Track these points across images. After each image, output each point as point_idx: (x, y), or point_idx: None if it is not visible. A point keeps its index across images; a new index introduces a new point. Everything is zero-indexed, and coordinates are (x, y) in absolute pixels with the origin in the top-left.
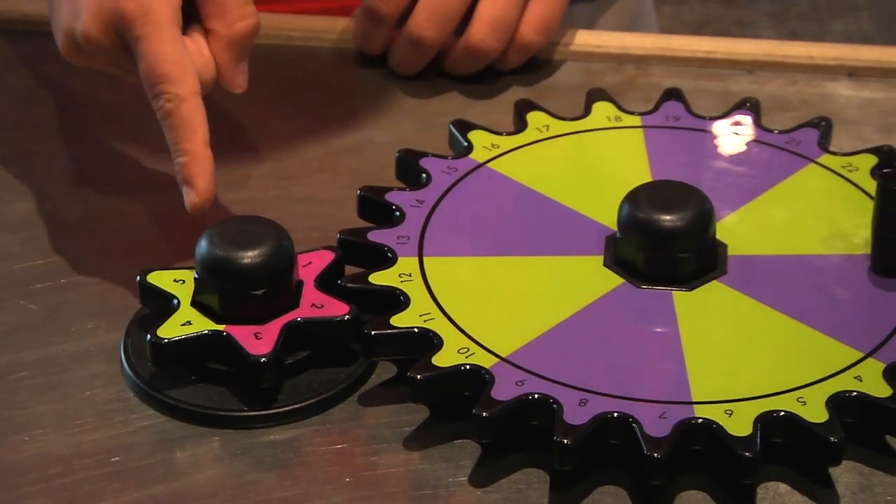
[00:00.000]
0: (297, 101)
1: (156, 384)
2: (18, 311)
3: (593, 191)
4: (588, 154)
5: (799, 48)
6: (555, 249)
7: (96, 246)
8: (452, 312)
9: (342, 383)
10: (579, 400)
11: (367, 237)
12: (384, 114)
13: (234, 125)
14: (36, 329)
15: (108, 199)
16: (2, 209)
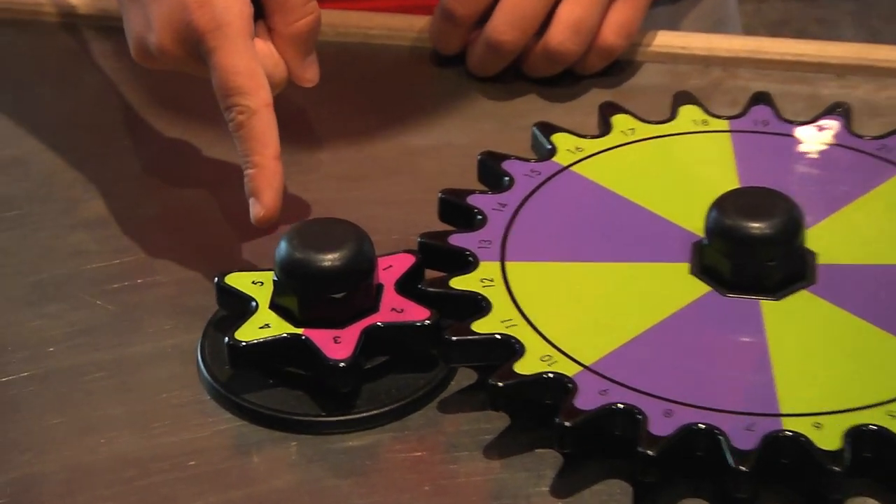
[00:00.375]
0: (375, 100)
1: (233, 387)
2: (93, 311)
3: (679, 196)
4: (674, 158)
5: (890, 52)
6: (640, 256)
7: (173, 246)
8: (535, 319)
9: (421, 389)
10: (664, 411)
11: (449, 241)
12: (464, 115)
13: (311, 125)
14: (111, 329)
15: (185, 198)
16: (78, 207)
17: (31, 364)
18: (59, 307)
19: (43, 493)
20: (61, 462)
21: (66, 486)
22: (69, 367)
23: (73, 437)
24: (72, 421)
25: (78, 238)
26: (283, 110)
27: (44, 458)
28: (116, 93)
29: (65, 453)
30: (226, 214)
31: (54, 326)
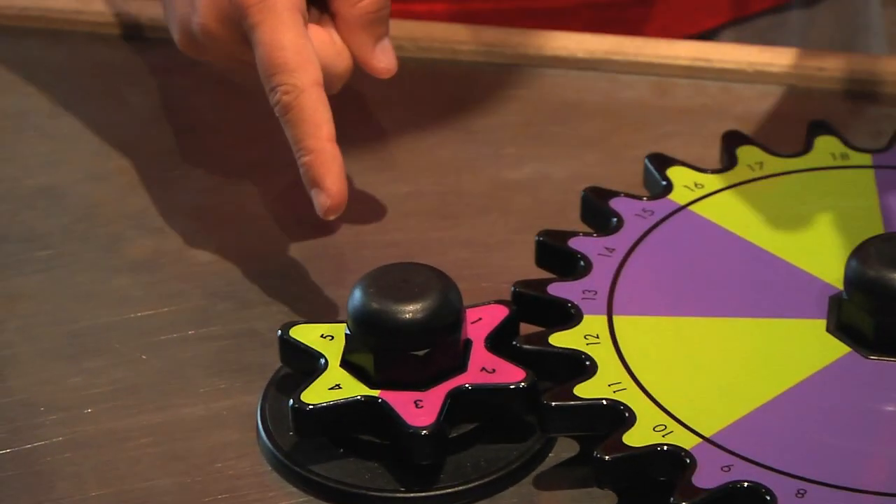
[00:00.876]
0: (463, 127)
1: (298, 457)
2: (139, 367)
3: (815, 242)
4: (809, 198)
5: None
6: (769, 311)
7: (230, 293)
8: (647, 382)
9: (515, 462)
10: (797, 490)
11: (547, 290)
12: (564, 144)
13: (388, 154)
14: (159, 388)
15: (243, 238)
16: (121, 247)
17: (68, 427)
18: (99, 362)
19: None
20: None
21: None
22: (110, 432)
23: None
24: (114, 494)
25: (121, 282)
26: (355, 136)
27: None
28: (166, 113)
29: None
30: (291, 257)
31: (93, 384)
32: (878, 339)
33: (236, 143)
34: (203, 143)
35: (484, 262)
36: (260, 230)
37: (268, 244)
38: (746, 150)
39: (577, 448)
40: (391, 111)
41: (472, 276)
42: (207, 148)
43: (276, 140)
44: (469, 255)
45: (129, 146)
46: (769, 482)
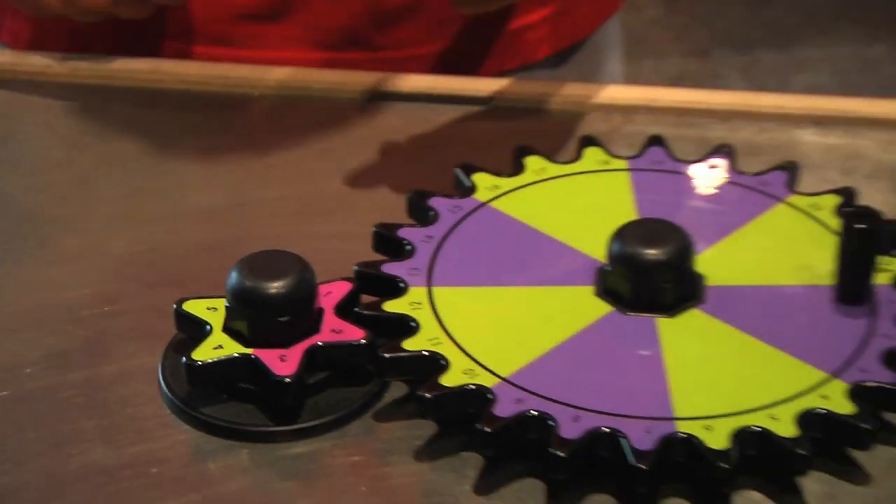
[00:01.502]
0: (318, 148)
1: (190, 402)
2: (67, 336)
3: (585, 227)
4: (580, 194)
5: (769, 99)
6: (550, 280)
7: (137, 277)
8: (458, 337)
9: (358, 401)
10: (573, 416)
11: (381, 269)
12: (396, 160)
13: (263, 169)
14: (83, 352)
15: (147, 235)
16: (53, 246)
17: (10, 385)
18: (36, 333)
19: (20, 502)
20: (37, 472)
21: (41, 494)
22: (44, 387)
23: (48, 449)
24: (47, 435)
25: (54, 272)
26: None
27: (21, 468)
28: (88, 144)
29: (41, 464)
30: (183, 250)
31: (31, 350)
32: (634, 300)
33: (142, 159)
34: (114, 168)
35: (333, 249)
36: (159, 229)
37: (166, 239)
38: (532, 159)
39: (406, 389)
40: (266, 136)
41: (324, 260)
42: (117, 171)
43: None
44: (323, 244)
45: (61, 167)
46: (552, 411)
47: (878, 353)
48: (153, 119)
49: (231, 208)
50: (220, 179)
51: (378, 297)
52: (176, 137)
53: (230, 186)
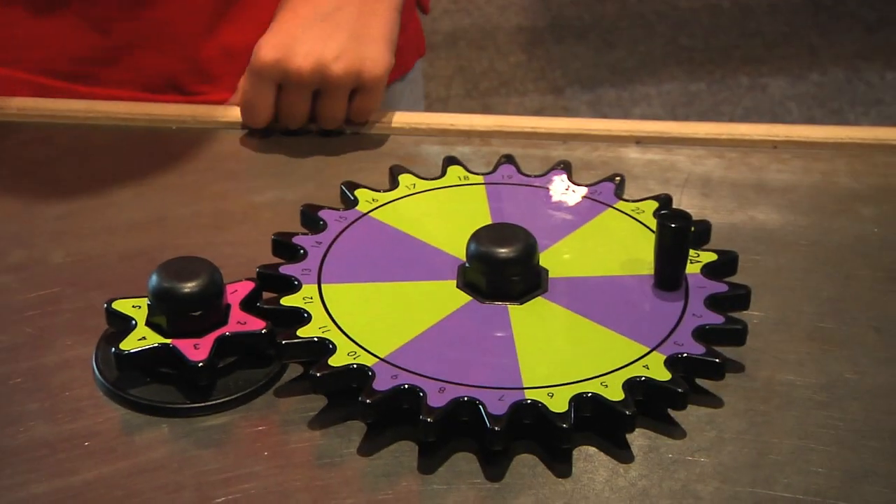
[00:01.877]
0: (226, 170)
1: (119, 385)
2: (15, 332)
3: (448, 231)
4: (444, 203)
5: (600, 123)
6: (419, 276)
7: (75, 282)
8: (344, 325)
9: (261, 381)
10: (439, 388)
11: (279, 270)
12: (293, 178)
13: (180, 189)
14: (28, 345)
15: (82, 245)
16: (3, 257)
17: None
18: None
19: None
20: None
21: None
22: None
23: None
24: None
25: (5, 279)
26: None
27: None
28: (33, 171)
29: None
30: (112, 258)
31: None
32: (489, 291)
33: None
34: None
35: (239, 254)
36: (94, 242)
37: (99, 249)
38: (405, 176)
39: (301, 369)
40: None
41: (231, 263)
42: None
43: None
44: (231, 251)
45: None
46: (422, 384)
47: (690, 330)
48: (89, 150)
49: (153, 222)
50: (144, 198)
51: (276, 293)
52: (107, 165)
53: (152, 204)
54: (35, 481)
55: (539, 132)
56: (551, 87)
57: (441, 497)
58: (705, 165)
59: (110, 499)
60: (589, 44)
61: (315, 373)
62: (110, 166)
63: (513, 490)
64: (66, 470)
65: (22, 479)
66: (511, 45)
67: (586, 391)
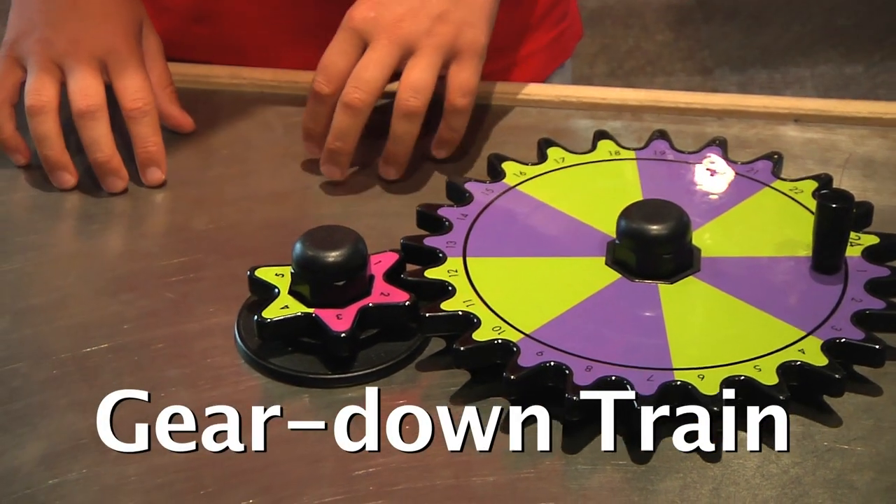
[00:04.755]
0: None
1: (261, 353)
2: (157, 298)
3: (598, 207)
4: (594, 179)
5: (757, 100)
6: (568, 252)
7: (217, 249)
8: (488, 299)
9: (403, 354)
10: (586, 367)
11: (424, 242)
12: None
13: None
14: (170, 312)
15: (225, 213)
16: (146, 221)
17: (110, 338)
18: (131, 296)
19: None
20: (131, 411)
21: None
22: (138, 341)
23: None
24: (140, 380)
25: (146, 244)
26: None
27: (118, 408)
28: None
29: (135, 406)
30: (255, 226)
31: (127, 310)
32: (639, 269)
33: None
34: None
35: (383, 226)
36: (237, 209)
37: (243, 217)
38: (554, 150)
39: (444, 344)
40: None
41: (375, 234)
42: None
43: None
44: (374, 221)
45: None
46: (568, 362)
47: (848, 315)
48: (232, 117)
49: (296, 192)
50: (287, 168)
51: (421, 265)
52: (251, 132)
53: (295, 174)
54: (174, 447)
55: (693, 108)
56: (699, 67)
57: (585, 477)
58: (868, 146)
59: (248, 468)
60: (739, 23)
61: (458, 347)
62: (254, 134)
63: (659, 473)
64: (205, 437)
65: (161, 444)
66: (658, 23)
67: (738, 374)
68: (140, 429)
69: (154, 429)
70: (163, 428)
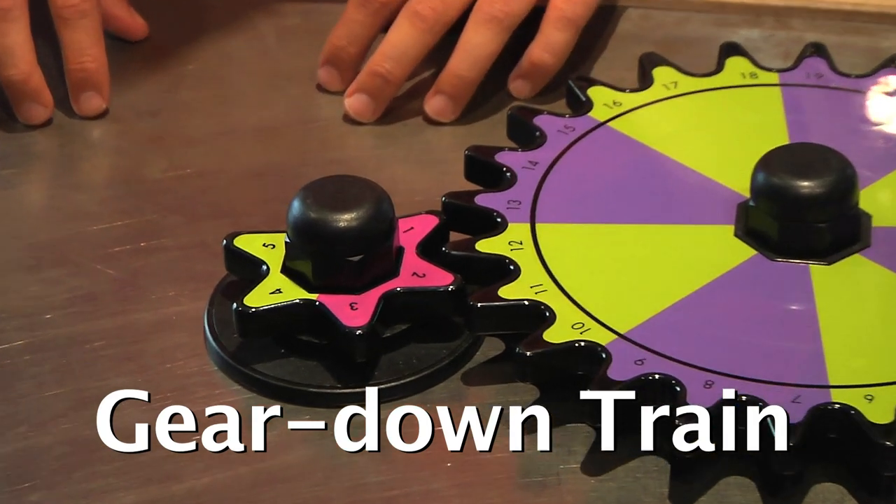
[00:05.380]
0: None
1: (242, 357)
2: (96, 276)
3: (725, 154)
4: (719, 114)
5: None
6: (681, 217)
7: (179, 207)
8: (566, 284)
9: (444, 360)
10: (704, 382)
11: (475, 201)
12: (493, 68)
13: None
14: (114, 295)
15: (191, 156)
16: (80, 167)
17: (28, 332)
18: (58, 272)
19: (39, 469)
20: (59, 436)
21: (63, 461)
22: (68, 336)
23: (72, 409)
24: (71, 392)
25: (78, 199)
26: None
27: (40, 431)
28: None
29: (63, 427)
30: (234, 175)
31: (53, 293)
32: (783, 243)
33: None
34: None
35: (417, 177)
36: (207, 149)
37: (214, 162)
38: (662, 70)
39: (503, 346)
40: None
41: (406, 189)
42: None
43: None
44: (404, 171)
45: None
46: (679, 374)
47: None
48: (205, 21)
49: (293, 127)
50: (282, 94)
51: (470, 234)
52: (231, 44)
53: (293, 102)
54: (123, 488)
55: (863, 11)
56: None
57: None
58: None
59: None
60: None
61: (523, 352)
62: (235, 44)
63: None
64: (166, 475)
65: (105, 483)
66: None
67: None
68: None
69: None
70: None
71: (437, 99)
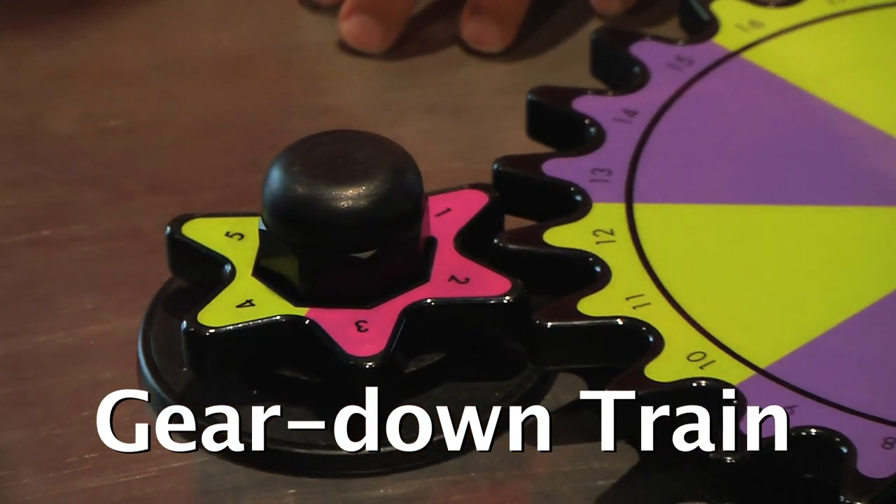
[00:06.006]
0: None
1: (194, 401)
2: None
3: None
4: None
5: None
6: (847, 196)
7: (100, 177)
8: (679, 295)
9: (498, 404)
10: (883, 440)
11: (542, 169)
12: None
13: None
14: (7, 308)
15: (118, 100)
16: None
17: None
18: None
19: None
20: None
21: None
22: None
23: None
24: None
25: None
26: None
27: None
28: None
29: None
30: (181, 131)
31: None
32: None
33: None
34: None
35: (455, 134)
36: (140, 92)
37: (152, 110)
38: None
39: (584, 386)
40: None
41: (437, 152)
42: None
43: None
44: (433, 125)
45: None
46: (844, 427)
47: None
48: None
49: (267, 57)
50: (254, 10)
51: (535, 219)
52: None
53: (266, 20)
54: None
55: None
56: None
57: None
58: None
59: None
60: None
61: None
62: None
63: None
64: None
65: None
66: None
67: None
68: None
69: None
70: None
71: (477, 19)
